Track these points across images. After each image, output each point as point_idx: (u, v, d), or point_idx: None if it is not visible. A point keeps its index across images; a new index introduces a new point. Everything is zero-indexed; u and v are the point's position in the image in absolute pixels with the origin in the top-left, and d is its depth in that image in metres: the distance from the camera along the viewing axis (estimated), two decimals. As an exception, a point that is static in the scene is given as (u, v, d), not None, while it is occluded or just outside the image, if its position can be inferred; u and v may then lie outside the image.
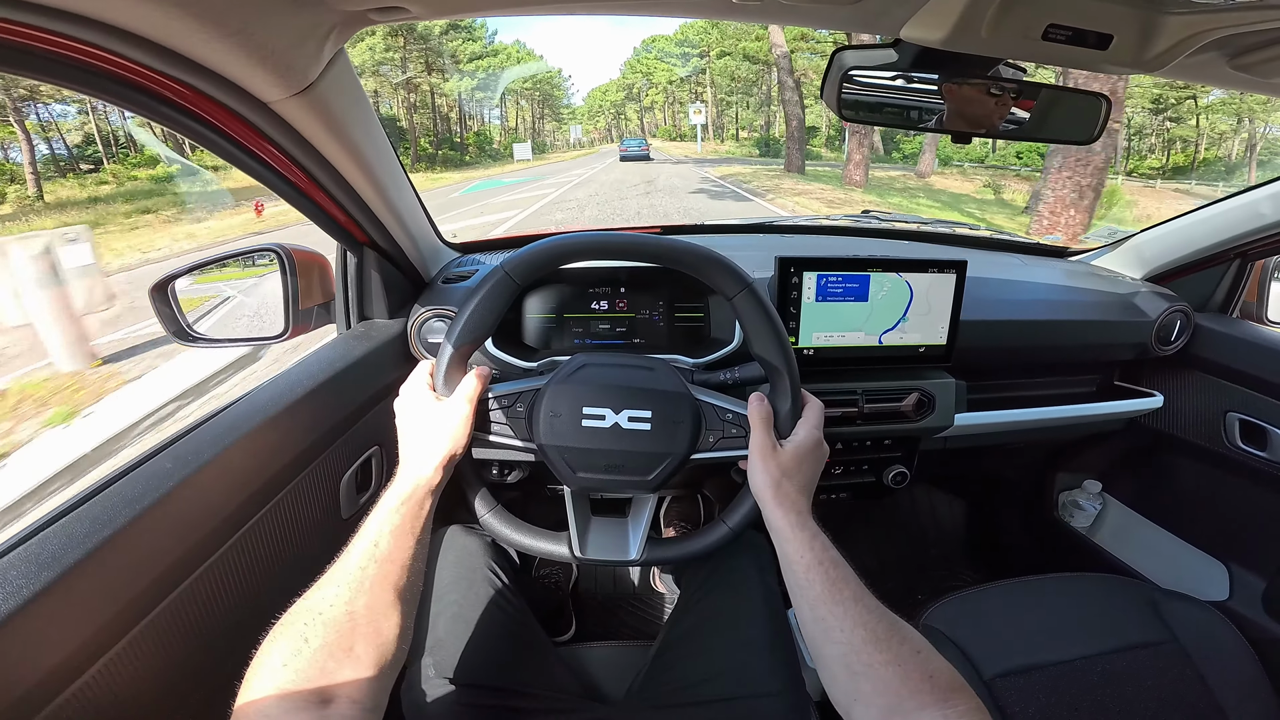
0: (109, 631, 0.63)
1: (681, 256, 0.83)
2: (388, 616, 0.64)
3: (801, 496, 0.79)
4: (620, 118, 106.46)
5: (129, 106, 0.65)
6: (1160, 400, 1.55)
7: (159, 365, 5.04)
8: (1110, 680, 1.02)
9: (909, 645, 0.63)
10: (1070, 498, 1.87)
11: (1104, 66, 0.77)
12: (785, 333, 0.85)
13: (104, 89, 0.61)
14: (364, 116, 0.90)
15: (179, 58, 0.62)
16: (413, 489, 0.73)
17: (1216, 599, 1.50)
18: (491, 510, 0.88)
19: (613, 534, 0.92)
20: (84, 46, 0.57)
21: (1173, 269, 1.58)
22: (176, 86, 0.66)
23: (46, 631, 0.57)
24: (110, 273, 7.16)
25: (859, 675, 0.63)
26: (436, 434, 0.78)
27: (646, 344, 1.22)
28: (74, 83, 0.59)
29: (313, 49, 0.70)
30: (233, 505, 0.80)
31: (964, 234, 1.86)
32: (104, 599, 0.63)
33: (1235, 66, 0.79)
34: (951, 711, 0.57)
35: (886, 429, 1.30)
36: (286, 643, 0.58)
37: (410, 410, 0.81)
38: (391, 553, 0.67)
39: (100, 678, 0.62)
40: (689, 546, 0.90)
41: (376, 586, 0.64)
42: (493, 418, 0.85)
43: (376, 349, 1.13)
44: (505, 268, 0.81)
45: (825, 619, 0.67)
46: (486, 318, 0.82)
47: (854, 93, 0.90)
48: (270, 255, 1.12)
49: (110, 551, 0.63)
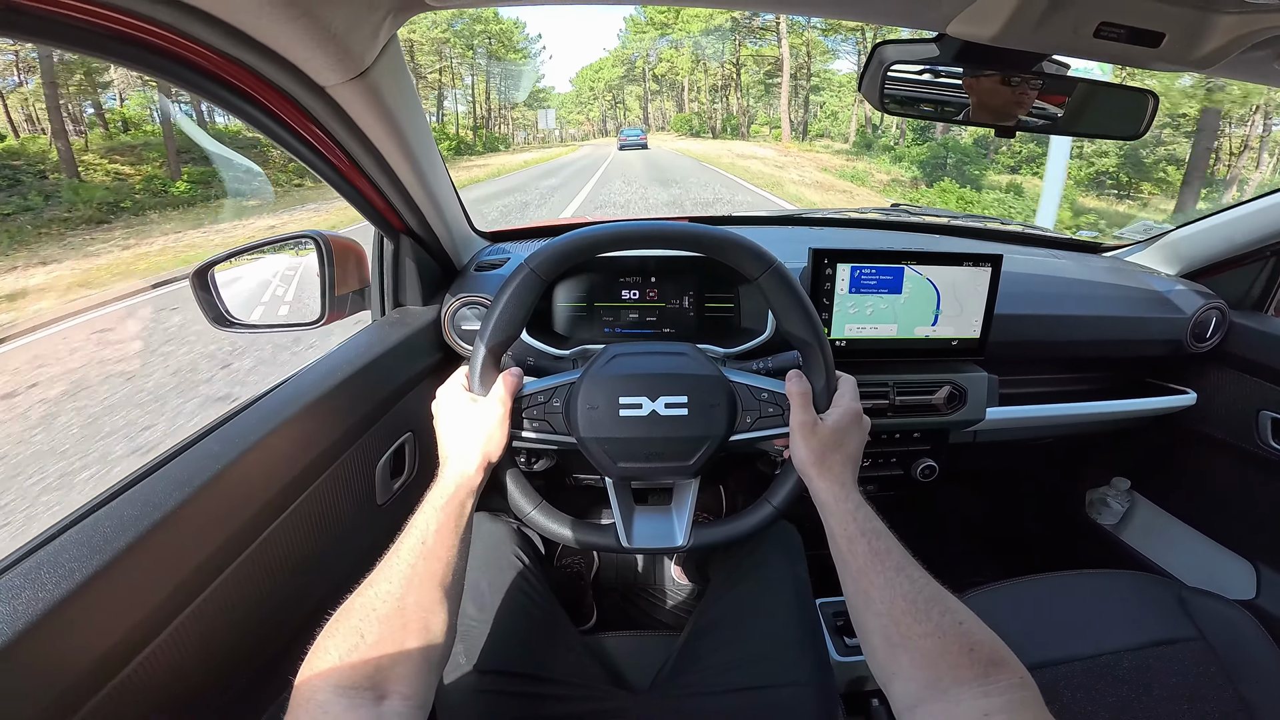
0: (158, 616, 0.64)
1: (704, 240, 0.84)
2: (435, 612, 0.65)
3: (846, 469, 0.79)
4: (618, 105, 79.88)
5: (190, 88, 0.66)
6: (1193, 397, 1.53)
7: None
8: (1137, 676, 1.02)
9: (951, 616, 0.61)
10: (1098, 495, 1.85)
11: (1155, 64, 0.76)
12: (814, 308, 0.84)
13: (157, 67, 0.62)
14: (411, 103, 0.90)
15: (242, 38, 0.63)
16: (455, 490, 0.74)
17: (1243, 598, 1.49)
18: (537, 507, 0.88)
19: (657, 522, 0.92)
20: (151, 27, 0.58)
21: (1208, 266, 1.56)
22: (232, 67, 0.67)
23: (98, 616, 0.58)
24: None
25: (898, 647, 0.62)
26: (474, 436, 0.78)
27: (677, 334, 1.22)
28: (127, 60, 0.60)
29: (369, 33, 0.71)
30: (274, 490, 0.81)
31: (996, 229, 1.84)
32: (154, 583, 0.64)
33: None
34: (993, 686, 0.55)
35: (917, 421, 1.30)
36: (343, 639, 0.59)
37: (448, 413, 0.82)
38: (437, 550, 0.68)
39: (150, 662, 0.63)
40: (736, 527, 0.90)
41: (425, 583, 0.65)
42: (530, 415, 0.86)
43: (411, 336, 1.14)
44: (530, 264, 0.81)
45: (867, 591, 0.67)
46: (516, 315, 0.82)
47: (895, 87, 0.90)
48: (308, 243, 1.14)
49: (159, 535, 0.64)
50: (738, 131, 53.91)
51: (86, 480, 3.50)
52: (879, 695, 1.23)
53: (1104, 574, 1.24)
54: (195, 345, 5.47)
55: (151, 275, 9.31)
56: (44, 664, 0.54)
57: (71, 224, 14.40)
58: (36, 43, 0.59)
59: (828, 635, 1.29)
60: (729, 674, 0.91)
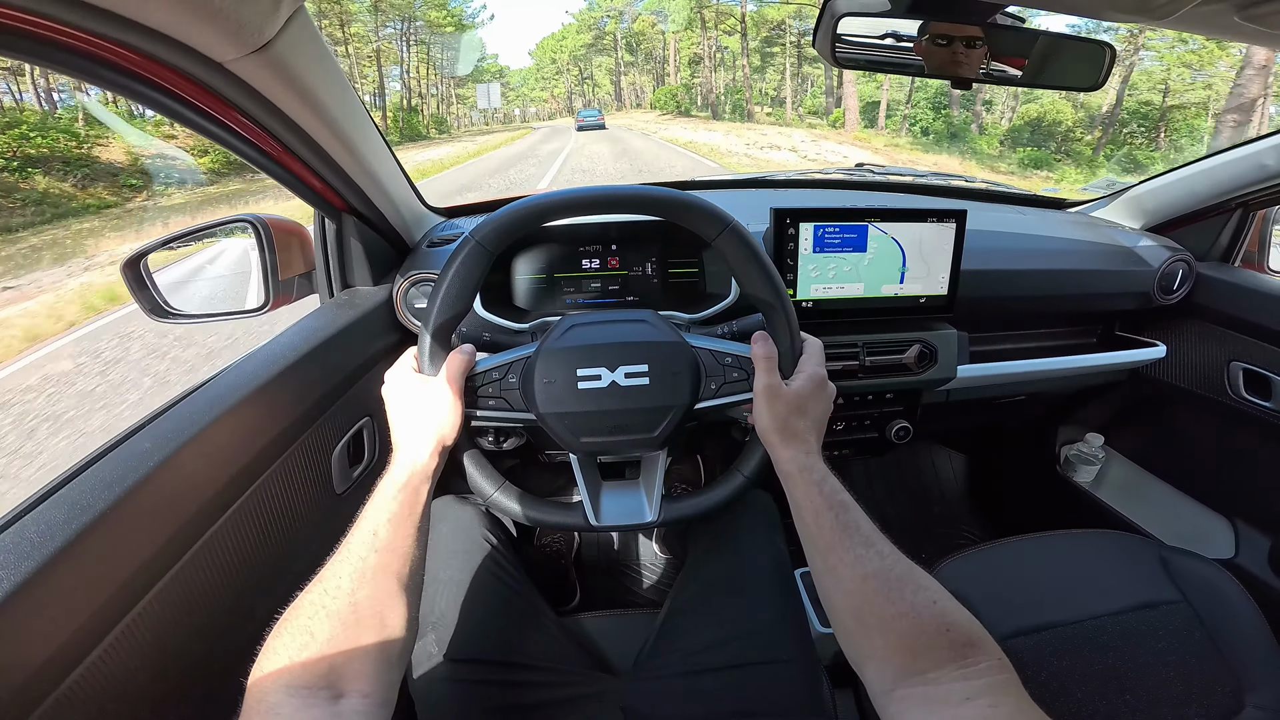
0: (101, 621, 0.61)
1: (658, 202, 0.81)
2: (392, 607, 0.62)
3: (810, 436, 0.77)
4: (586, 81, 69.60)
5: (70, 72, 0.61)
6: (1163, 350, 1.53)
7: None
8: (1122, 640, 1.01)
9: (924, 595, 0.59)
10: (1073, 451, 1.86)
11: (1108, 14, 0.73)
12: (774, 268, 0.82)
13: (44, 56, 0.57)
14: (330, 76, 0.85)
15: (113, 17, 0.58)
16: (408, 476, 0.71)
17: (1223, 556, 1.51)
18: (499, 489, 0.85)
19: (626, 498, 0.90)
20: (10, 11, 0.53)
21: (1174, 220, 1.56)
22: (118, 49, 0.62)
23: (34, 624, 0.55)
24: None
25: (871, 629, 0.60)
26: (426, 419, 0.76)
27: (640, 302, 1.20)
28: (14, 53, 0.56)
29: (268, 5, 0.65)
30: (218, 484, 0.77)
31: (960, 186, 1.83)
32: (91, 587, 0.61)
33: (1245, 17, 0.75)
34: (971, 669, 0.53)
35: (888, 382, 1.29)
36: (292, 638, 0.57)
37: (397, 397, 0.79)
38: (391, 541, 0.66)
39: (96, 670, 0.60)
40: (707, 499, 0.88)
41: (379, 576, 0.63)
42: (485, 392, 0.83)
43: (362, 317, 1.10)
44: (475, 236, 0.78)
45: (835, 568, 0.64)
46: (463, 291, 0.79)
47: (849, 39, 0.87)
48: (246, 226, 1.09)
49: (92, 537, 0.61)
50: (742, 111, 43.78)
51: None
52: None
53: (1085, 534, 1.24)
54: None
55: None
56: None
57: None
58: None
59: (809, 607, 1.28)
60: (709, 653, 0.90)
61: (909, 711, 0.54)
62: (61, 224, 14.58)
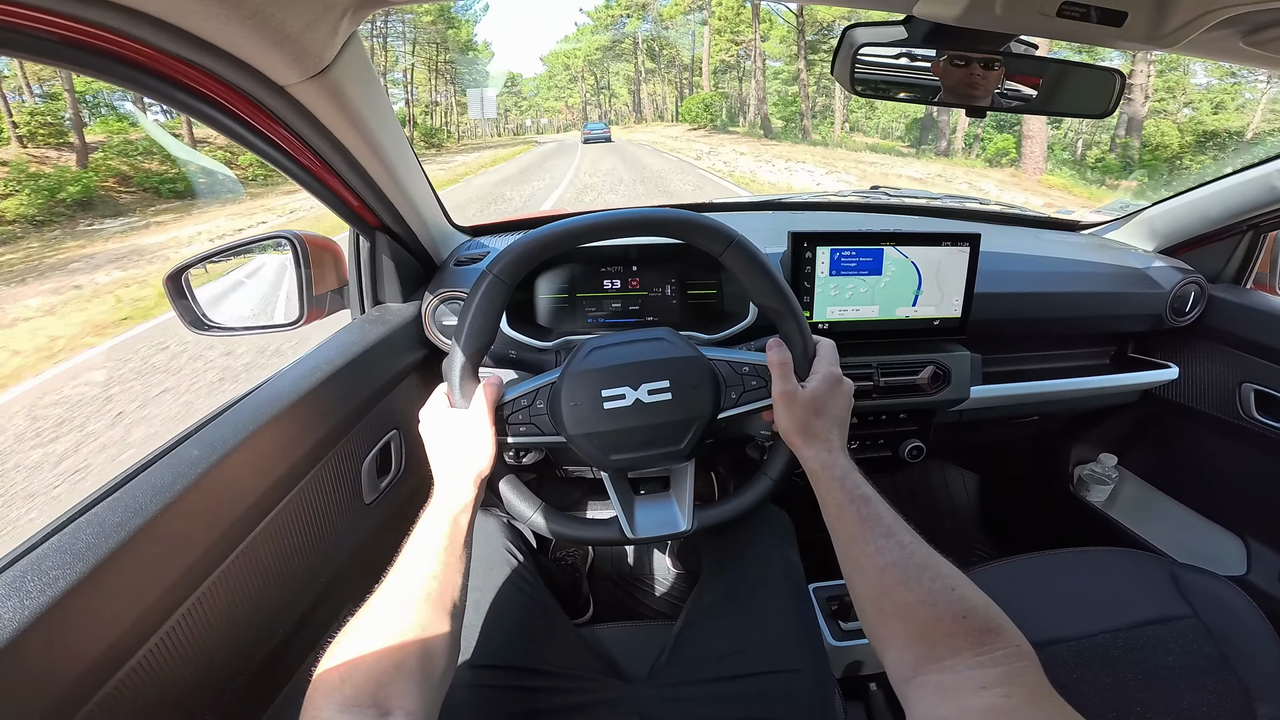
0: (148, 620, 0.64)
1: (664, 223, 0.83)
2: (435, 630, 0.65)
3: (832, 434, 0.79)
4: (604, 91, 61.21)
5: (142, 90, 0.65)
6: (1175, 372, 1.54)
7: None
8: (1132, 655, 1.02)
9: (943, 581, 0.61)
10: (1086, 471, 1.86)
11: (1118, 43, 0.76)
12: (781, 276, 0.84)
13: (115, 73, 0.61)
14: (377, 99, 0.89)
15: (194, 40, 0.62)
16: (450, 508, 0.74)
17: (1234, 573, 1.51)
18: (537, 510, 0.87)
19: (659, 510, 0.92)
20: (92, 29, 0.56)
21: (1185, 242, 1.58)
22: (190, 70, 0.66)
23: (85, 623, 0.58)
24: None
25: (890, 616, 0.61)
26: (462, 451, 0.78)
27: (660, 322, 1.22)
28: (84, 67, 0.59)
29: (327, 31, 0.70)
30: (259, 492, 0.80)
31: (975, 209, 1.85)
32: (140, 588, 0.64)
33: (1249, 43, 0.78)
34: (987, 656, 0.54)
35: (902, 402, 1.30)
36: (343, 658, 0.60)
37: (434, 431, 0.81)
38: (434, 569, 0.68)
39: (144, 666, 0.63)
40: (737, 504, 0.90)
41: (423, 603, 0.65)
42: (515, 419, 0.85)
43: (391, 333, 1.13)
44: (493, 270, 0.80)
45: (857, 558, 0.66)
46: (486, 323, 0.81)
47: (865, 70, 0.89)
48: (283, 243, 1.13)
49: (143, 540, 0.64)
50: (796, 129, 35.35)
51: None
52: (876, 679, 1.24)
53: (1095, 552, 1.24)
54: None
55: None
56: (35, 672, 0.54)
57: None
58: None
59: (822, 620, 1.29)
60: (723, 662, 0.92)
61: (925, 698, 0.55)
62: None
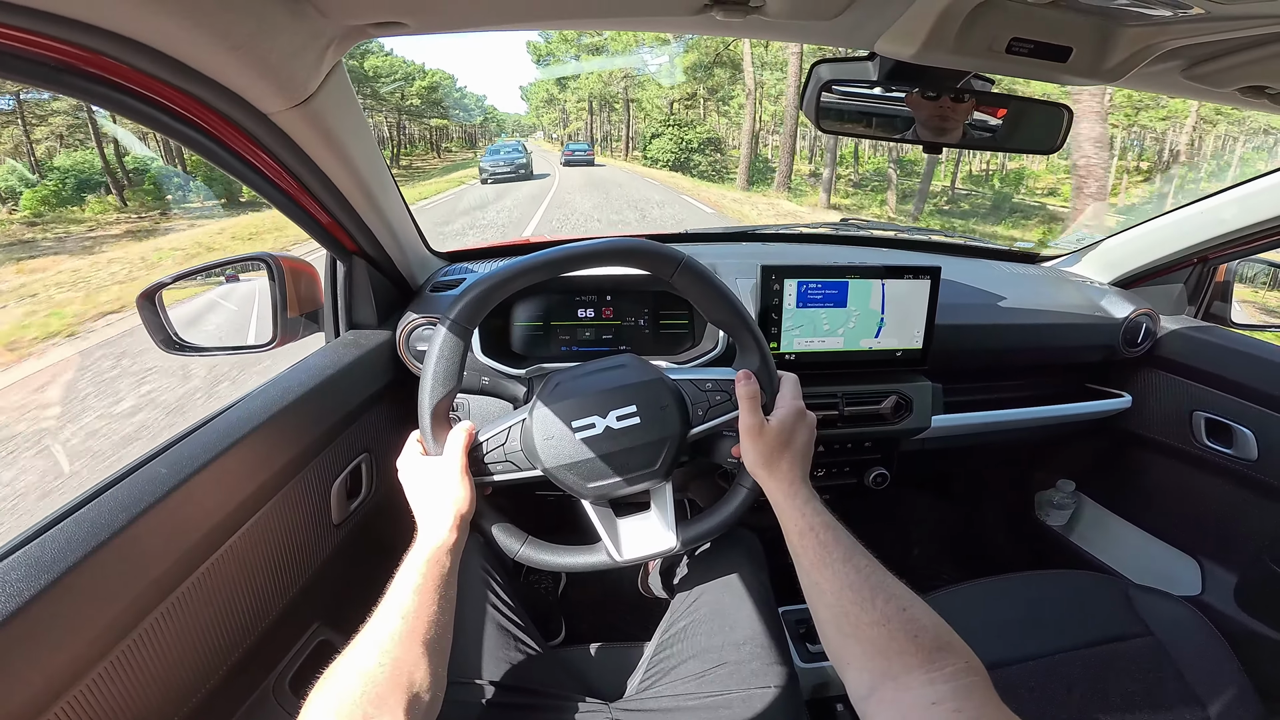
0: (109, 633, 0.64)
1: (613, 252, 0.85)
2: (419, 667, 0.66)
3: (795, 467, 0.81)
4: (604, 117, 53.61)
5: (128, 114, 0.66)
6: (1129, 400, 1.59)
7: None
8: (1089, 673, 1.04)
9: (895, 603, 0.63)
10: (1046, 497, 1.91)
11: (1064, 78, 0.81)
12: (732, 293, 0.86)
13: (104, 96, 0.62)
14: (358, 127, 0.91)
15: (181, 67, 0.64)
16: (431, 551, 0.75)
17: (1190, 594, 1.54)
18: (524, 543, 0.88)
19: (643, 530, 0.92)
20: (84, 53, 0.58)
21: (1139, 274, 1.64)
22: (178, 95, 0.67)
23: (46, 633, 0.58)
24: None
25: (849, 637, 0.64)
26: (440, 498, 0.79)
27: (633, 351, 1.23)
28: (73, 90, 0.60)
29: (312, 61, 0.72)
30: (226, 510, 0.81)
31: (938, 240, 1.90)
32: (102, 601, 0.64)
33: (1189, 76, 0.83)
34: (938, 673, 0.56)
35: (866, 431, 1.34)
36: (329, 695, 0.61)
37: (411, 480, 0.83)
38: (418, 609, 0.70)
39: (101, 680, 0.63)
40: (720, 516, 0.91)
41: (405, 641, 0.66)
42: (492, 458, 0.86)
43: (365, 356, 1.14)
44: (450, 316, 0.81)
45: (818, 584, 0.69)
46: (449, 370, 0.82)
47: (832, 104, 0.93)
48: (259, 264, 1.13)
49: (107, 555, 0.64)
50: (767, 178, 25.97)
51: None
52: (842, 700, 1.25)
53: (1053, 574, 1.28)
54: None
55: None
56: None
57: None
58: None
59: (791, 642, 1.30)
60: (696, 681, 0.93)
61: (882, 714, 0.57)
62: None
